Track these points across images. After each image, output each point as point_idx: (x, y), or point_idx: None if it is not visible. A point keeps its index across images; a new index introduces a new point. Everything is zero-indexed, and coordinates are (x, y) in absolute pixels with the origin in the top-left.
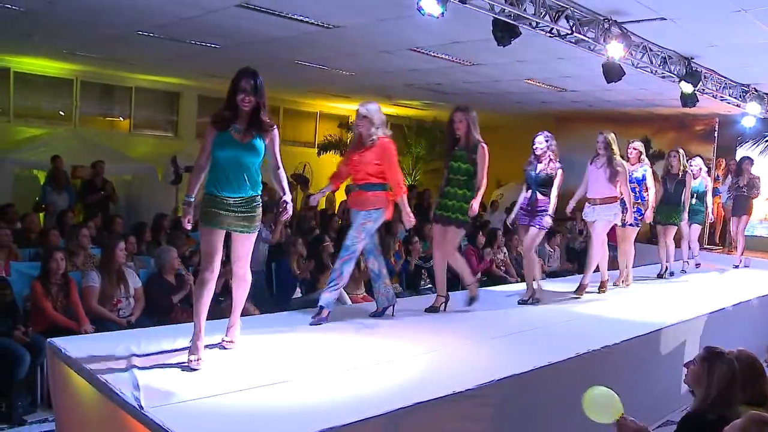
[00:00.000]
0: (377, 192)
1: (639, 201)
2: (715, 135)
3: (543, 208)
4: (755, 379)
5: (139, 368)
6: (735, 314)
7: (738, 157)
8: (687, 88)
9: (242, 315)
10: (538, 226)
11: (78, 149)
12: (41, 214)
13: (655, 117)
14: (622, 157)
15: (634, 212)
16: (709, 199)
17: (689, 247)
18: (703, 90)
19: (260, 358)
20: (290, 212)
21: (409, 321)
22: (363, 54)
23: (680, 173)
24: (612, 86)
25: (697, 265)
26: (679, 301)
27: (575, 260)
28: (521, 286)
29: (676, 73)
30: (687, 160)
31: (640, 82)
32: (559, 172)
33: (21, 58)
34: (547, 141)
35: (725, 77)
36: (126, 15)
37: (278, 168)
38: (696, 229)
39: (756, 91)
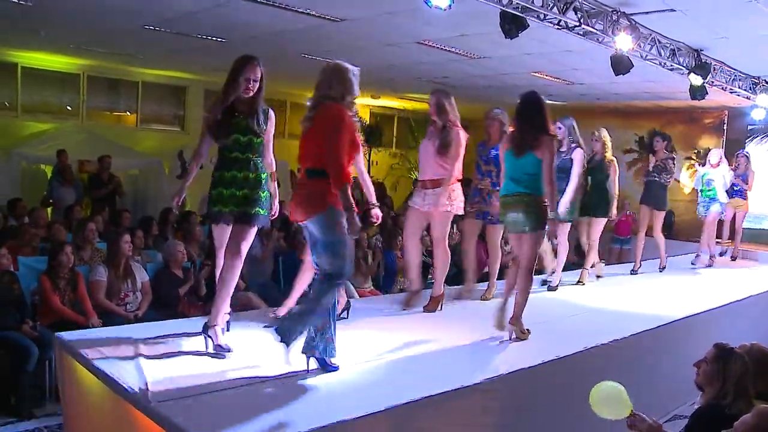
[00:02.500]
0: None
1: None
2: (725, 128)
3: None
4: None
5: (147, 362)
6: (743, 308)
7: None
8: (696, 80)
9: (249, 309)
10: None
11: (85, 144)
12: (49, 209)
13: (663, 110)
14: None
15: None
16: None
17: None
18: (713, 82)
19: (267, 352)
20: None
21: (416, 315)
22: (370, 47)
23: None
24: (620, 79)
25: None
26: (687, 295)
27: (583, 253)
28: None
29: (685, 65)
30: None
31: (648, 75)
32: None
33: (28, 53)
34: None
35: (735, 69)
36: (133, 9)
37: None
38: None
39: (766, 82)
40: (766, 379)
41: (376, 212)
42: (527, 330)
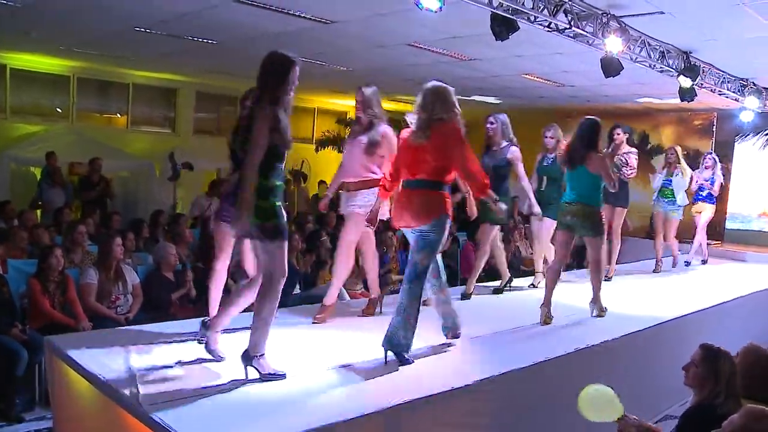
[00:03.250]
0: None
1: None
2: (714, 130)
3: None
4: (765, 374)
5: (138, 365)
6: (733, 309)
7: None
8: (685, 82)
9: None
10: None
11: (75, 146)
12: (38, 211)
13: (653, 112)
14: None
15: None
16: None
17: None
18: (702, 84)
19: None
20: None
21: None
22: (361, 49)
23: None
24: (610, 81)
25: (703, 261)
26: (678, 296)
27: (574, 256)
28: (520, 282)
29: (674, 67)
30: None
31: (638, 77)
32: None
33: (17, 55)
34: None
35: (724, 71)
36: (123, 11)
37: None
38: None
39: (754, 85)
40: (759, 379)
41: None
42: (605, 308)
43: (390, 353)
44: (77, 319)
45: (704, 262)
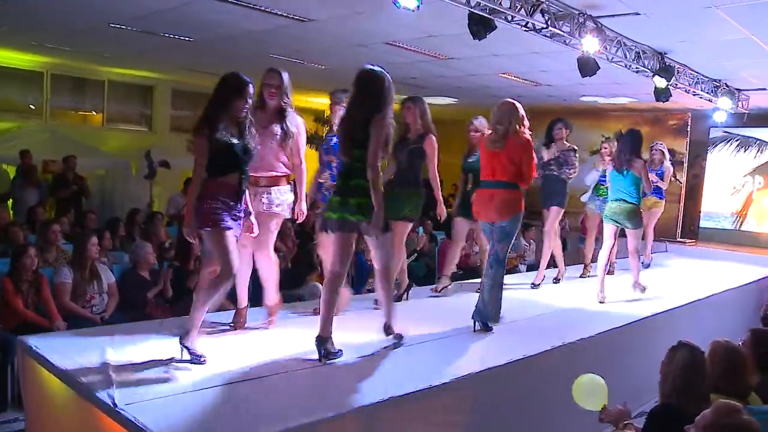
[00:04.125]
0: None
1: None
2: (688, 129)
3: None
4: (736, 370)
5: (113, 365)
6: (713, 305)
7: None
8: (660, 82)
9: (219, 310)
10: None
11: (49, 143)
12: (11, 210)
13: (629, 111)
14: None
15: None
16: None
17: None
18: (676, 85)
19: (236, 354)
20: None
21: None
22: (338, 48)
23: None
24: (587, 80)
25: (645, 265)
26: (654, 294)
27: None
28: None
29: (649, 67)
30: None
31: (614, 77)
32: None
33: None
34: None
35: (697, 72)
36: (98, 7)
37: None
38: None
39: (727, 86)
40: (735, 377)
41: None
42: (645, 286)
43: (479, 323)
44: (51, 318)
45: (646, 266)
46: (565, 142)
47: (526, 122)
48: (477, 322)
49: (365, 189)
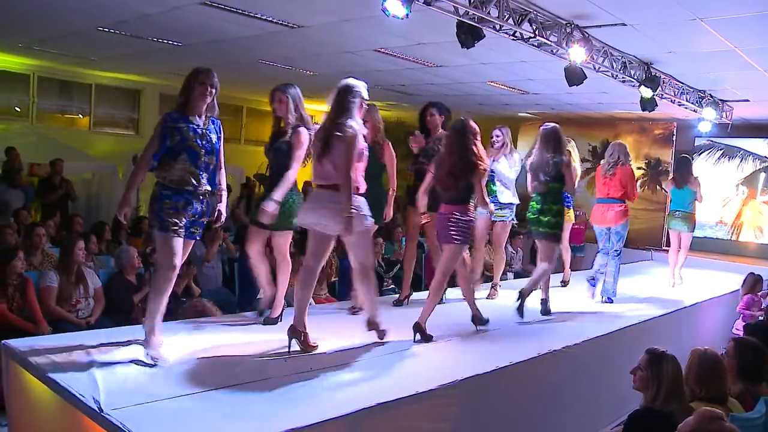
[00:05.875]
0: None
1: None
2: (674, 139)
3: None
4: (715, 377)
5: (99, 369)
6: (695, 313)
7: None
8: (646, 92)
9: (202, 317)
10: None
11: (35, 146)
12: None
13: (615, 121)
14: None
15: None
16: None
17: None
18: (662, 95)
19: (222, 359)
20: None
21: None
22: (327, 54)
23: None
24: (574, 90)
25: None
26: (639, 301)
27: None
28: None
29: (635, 77)
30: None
31: (601, 86)
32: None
33: None
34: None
35: (683, 83)
36: (85, 10)
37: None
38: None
39: (711, 97)
40: (714, 383)
41: None
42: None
43: (605, 297)
44: (36, 323)
45: (564, 284)
46: (439, 131)
47: (630, 156)
48: (603, 296)
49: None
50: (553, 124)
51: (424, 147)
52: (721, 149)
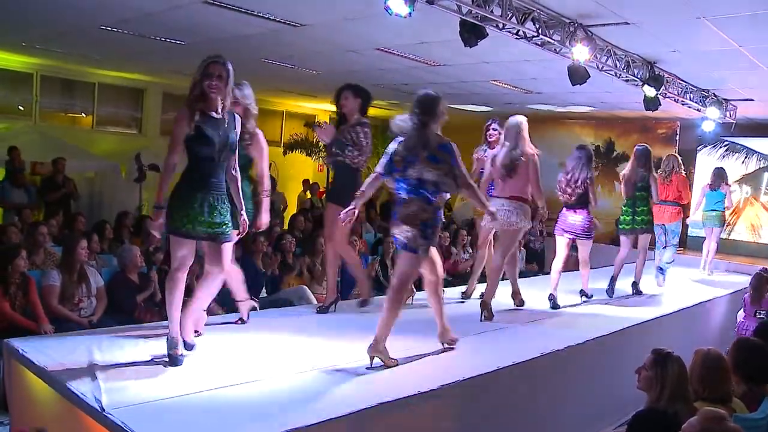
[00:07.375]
0: None
1: None
2: (677, 138)
3: None
4: (718, 377)
5: (101, 369)
6: (698, 314)
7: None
8: (650, 91)
9: (208, 314)
10: None
11: (38, 145)
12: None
13: (618, 120)
14: None
15: None
16: None
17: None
18: (665, 94)
19: (225, 358)
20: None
21: (370, 320)
22: (330, 53)
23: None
24: (577, 89)
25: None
26: (641, 302)
27: (534, 261)
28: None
29: (639, 77)
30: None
31: (604, 85)
32: None
33: None
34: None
35: (686, 82)
36: (89, 9)
37: None
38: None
39: (715, 96)
40: (718, 384)
41: None
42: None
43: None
44: (39, 322)
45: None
46: (356, 116)
47: (683, 166)
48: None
49: None
50: (644, 145)
51: (338, 138)
52: (725, 145)
